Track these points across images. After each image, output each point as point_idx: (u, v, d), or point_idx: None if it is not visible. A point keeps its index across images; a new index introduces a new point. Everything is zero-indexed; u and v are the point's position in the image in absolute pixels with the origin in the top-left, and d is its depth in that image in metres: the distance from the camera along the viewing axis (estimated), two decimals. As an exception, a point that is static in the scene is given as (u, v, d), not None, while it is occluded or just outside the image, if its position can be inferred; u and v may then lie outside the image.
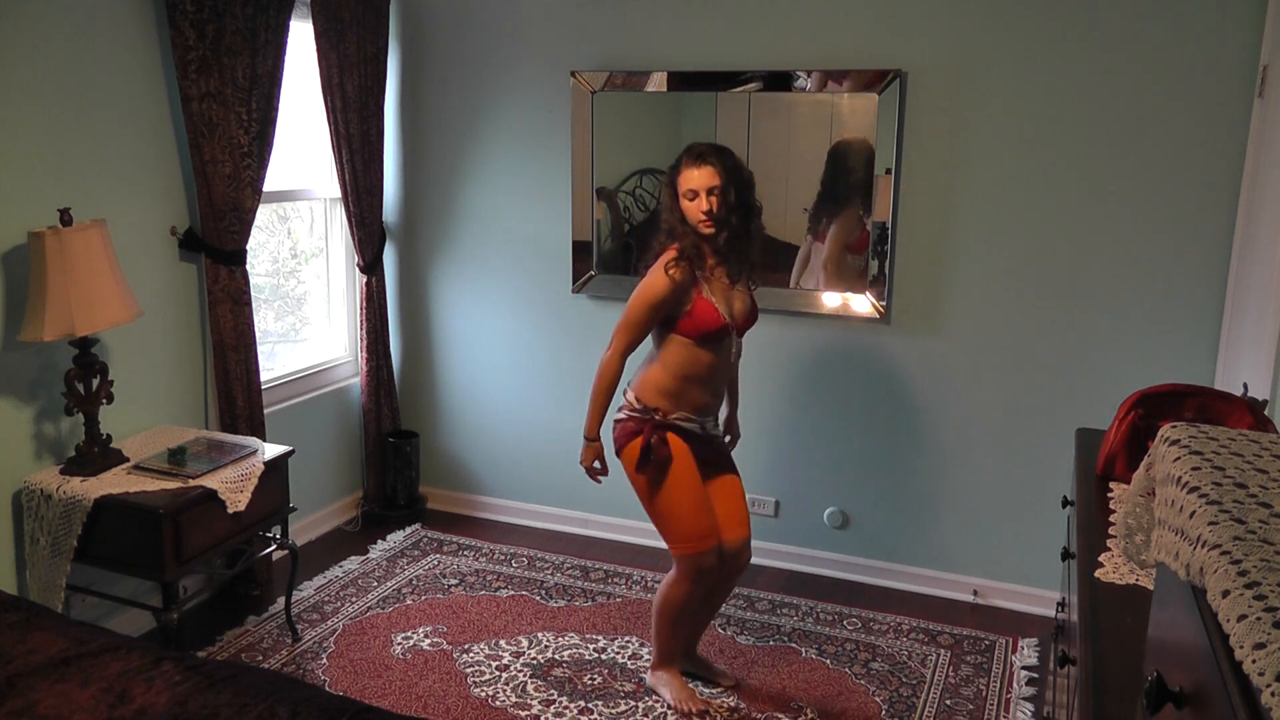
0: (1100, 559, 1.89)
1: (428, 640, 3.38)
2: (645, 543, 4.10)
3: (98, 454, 2.97)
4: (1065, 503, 2.59)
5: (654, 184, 3.91)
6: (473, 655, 3.29)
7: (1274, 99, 2.87)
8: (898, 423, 3.79)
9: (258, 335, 3.60)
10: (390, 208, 4.36)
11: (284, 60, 3.49)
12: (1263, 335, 2.58)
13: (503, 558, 4.05)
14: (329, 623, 3.48)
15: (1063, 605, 2.56)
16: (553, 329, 4.21)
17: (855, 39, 3.59)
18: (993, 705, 3.11)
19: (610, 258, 4.06)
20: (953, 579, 3.81)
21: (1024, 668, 3.31)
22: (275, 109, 3.46)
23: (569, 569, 3.97)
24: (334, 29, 3.79)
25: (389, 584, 3.79)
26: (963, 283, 3.62)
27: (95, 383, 2.94)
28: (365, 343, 4.24)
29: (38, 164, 2.91)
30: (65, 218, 2.79)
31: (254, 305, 3.57)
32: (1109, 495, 2.19)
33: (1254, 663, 0.76)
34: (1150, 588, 1.70)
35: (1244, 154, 3.17)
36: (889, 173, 3.59)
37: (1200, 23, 3.19)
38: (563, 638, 3.42)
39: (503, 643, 3.38)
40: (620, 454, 2.88)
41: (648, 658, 3.25)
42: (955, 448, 3.73)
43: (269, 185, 3.58)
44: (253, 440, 3.24)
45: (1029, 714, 3.05)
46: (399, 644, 3.34)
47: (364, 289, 4.22)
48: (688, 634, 3.09)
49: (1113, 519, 2.01)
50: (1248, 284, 2.97)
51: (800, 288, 3.78)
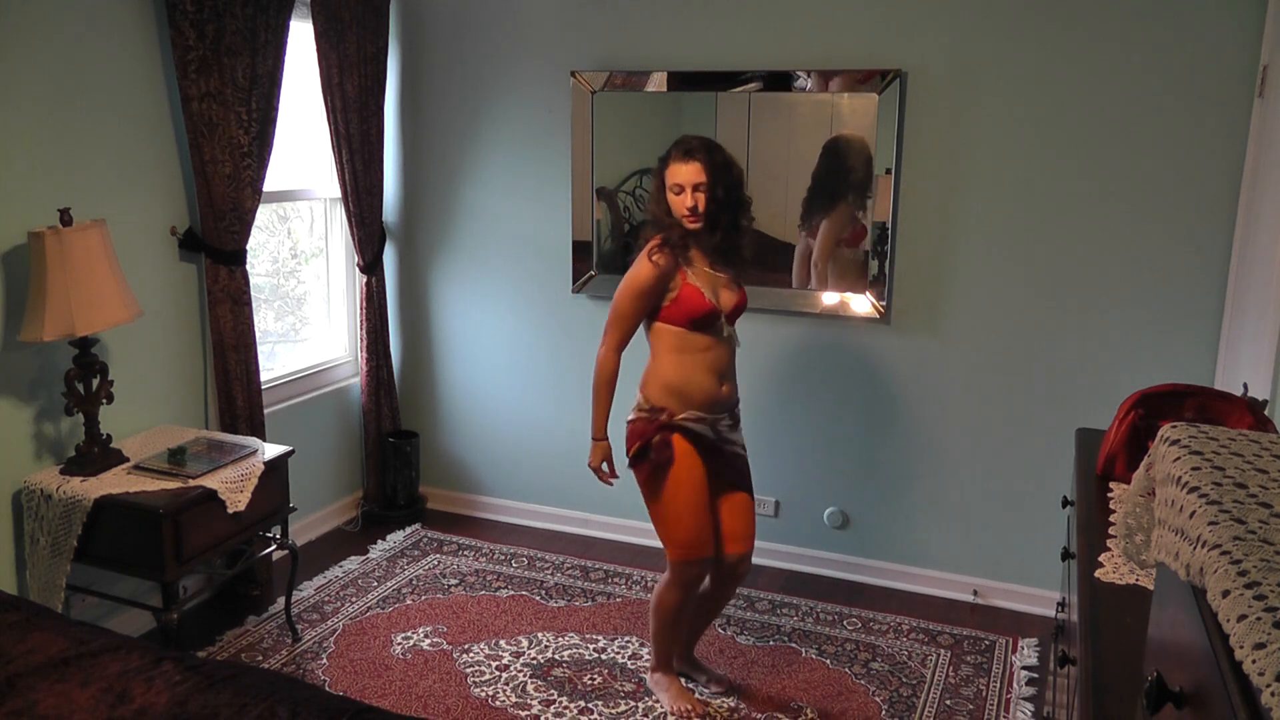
0: (1100, 559, 1.89)
1: (428, 640, 3.38)
2: (645, 543, 4.10)
3: (98, 454, 2.97)
4: (1065, 503, 2.59)
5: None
6: (473, 655, 3.29)
7: (1274, 99, 2.87)
8: (898, 423, 3.79)
9: (258, 335, 3.60)
10: (390, 208, 4.36)
11: (284, 60, 3.49)
12: (1263, 335, 2.58)
13: (503, 558, 4.05)
14: (329, 623, 3.48)
15: (1063, 605, 2.56)
16: (553, 329, 4.21)
17: (855, 39, 3.59)
18: (993, 705, 3.11)
19: (610, 258, 4.06)
20: (953, 579, 3.81)
21: (1024, 668, 3.31)
22: (275, 109, 3.46)
23: (569, 569, 3.97)
24: (334, 29, 3.79)
25: (389, 584, 3.79)
26: (963, 283, 3.62)
27: (95, 383, 2.94)
28: (365, 343, 4.25)
29: (38, 164, 2.91)
30: (65, 218, 2.79)
31: (254, 305, 3.57)
32: (1109, 495, 2.19)
33: (1254, 663, 0.76)
34: (1150, 588, 1.70)
35: (1244, 154, 3.17)
36: (889, 172, 3.59)
37: (1200, 23, 3.19)
38: (563, 638, 3.42)
39: (503, 643, 3.38)
40: (628, 453, 2.88)
41: (648, 658, 3.26)
42: (955, 447, 3.73)
43: (269, 185, 3.58)
44: (253, 440, 3.24)
45: (1029, 714, 3.05)
46: (399, 644, 3.34)
47: (364, 289, 4.22)
48: (685, 637, 3.09)
49: (1113, 519, 2.01)
50: (1248, 284, 2.97)
51: (801, 288, 3.78)
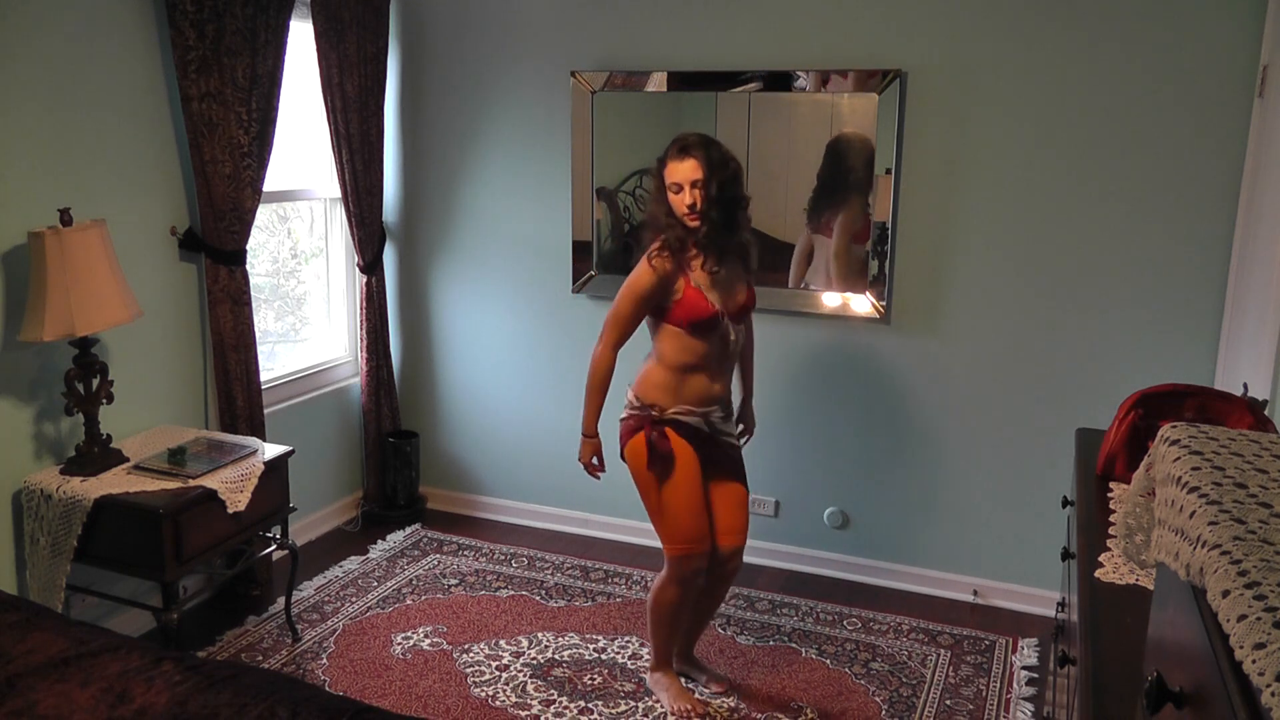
0: (1100, 559, 1.89)
1: (428, 640, 3.38)
2: (645, 543, 4.10)
3: (98, 454, 2.97)
4: (1065, 503, 2.59)
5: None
6: (473, 655, 3.29)
7: (1274, 99, 2.87)
8: (898, 422, 3.79)
9: (258, 335, 3.60)
10: (390, 208, 4.36)
11: (284, 60, 3.49)
12: (1263, 335, 2.58)
13: (503, 558, 4.05)
14: (329, 623, 3.48)
15: (1063, 605, 2.56)
16: (553, 329, 4.21)
17: (855, 39, 3.59)
18: (993, 705, 3.11)
19: (610, 258, 4.06)
20: (953, 579, 3.81)
21: (1024, 668, 3.31)
22: (275, 109, 3.46)
23: (569, 569, 3.97)
24: (334, 29, 3.79)
25: (389, 584, 3.79)
26: (963, 283, 3.62)
27: (95, 383, 2.94)
28: (365, 343, 4.25)
29: (38, 164, 2.91)
30: (65, 218, 2.79)
31: (254, 305, 3.57)
32: (1109, 495, 2.19)
33: (1254, 663, 0.76)
34: (1150, 588, 1.70)
35: (1244, 154, 3.17)
36: (889, 172, 3.60)
37: (1200, 23, 3.19)
38: (563, 638, 3.42)
39: (503, 643, 3.38)
40: (623, 452, 2.88)
41: (648, 658, 3.25)
42: (955, 448, 3.73)
43: (269, 185, 3.58)
44: (253, 440, 3.24)
45: (1029, 714, 3.05)
46: (399, 644, 3.34)
47: (364, 289, 4.22)
48: (684, 637, 3.09)
49: (1113, 519, 2.01)
50: (1248, 284, 2.97)
51: (801, 288, 3.78)
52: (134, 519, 2.79)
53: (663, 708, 3.01)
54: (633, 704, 3.04)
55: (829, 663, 3.32)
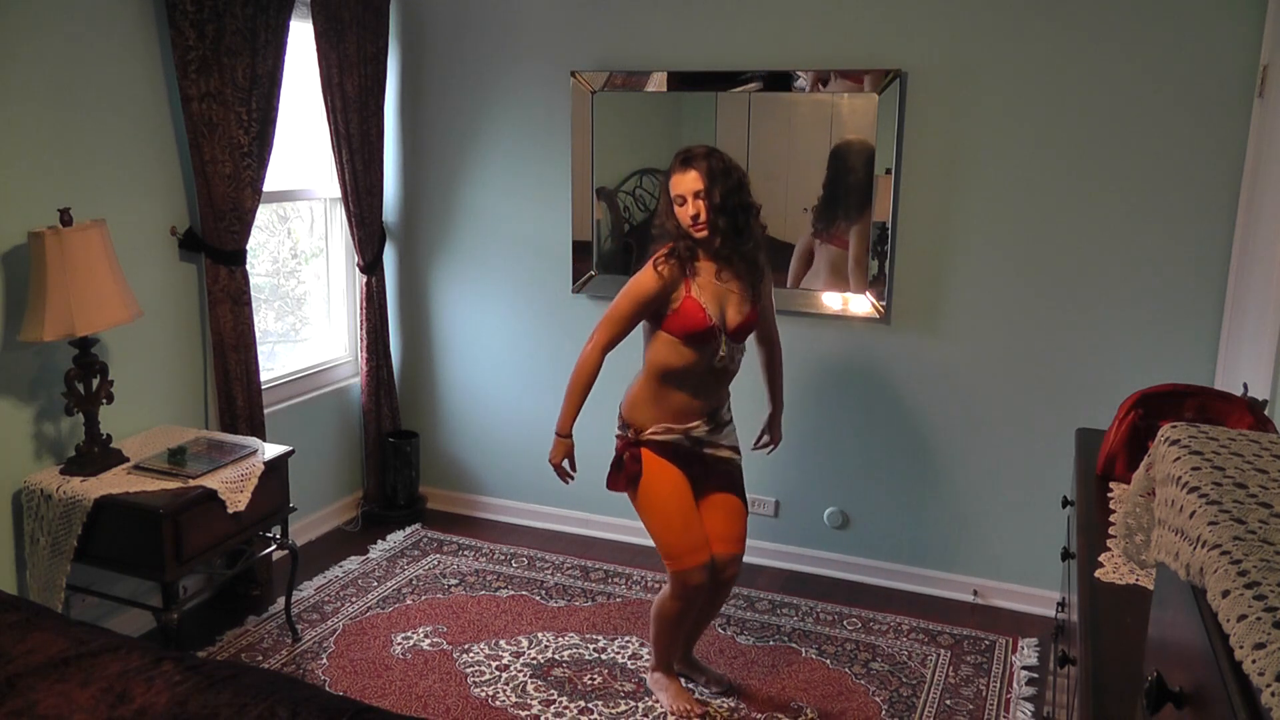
0: (1100, 559, 1.89)
1: (428, 640, 3.38)
2: (645, 543, 4.09)
3: (98, 454, 2.97)
4: (1065, 503, 2.59)
5: (654, 184, 3.92)
6: (473, 655, 3.29)
7: (1274, 99, 2.87)
8: (898, 423, 3.79)
9: (258, 335, 3.60)
10: (390, 208, 4.36)
11: (284, 60, 3.49)
12: (1263, 335, 2.58)
13: (503, 558, 4.05)
14: (329, 623, 3.48)
15: (1063, 605, 2.56)
16: (553, 329, 4.21)
17: (855, 39, 3.59)
18: (993, 705, 3.11)
19: (610, 258, 4.06)
20: (953, 579, 3.81)
21: (1024, 668, 3.31)
22: (275, 109, 3.46)
23: (569, 569, 3.97)
24: (334, 29, 3.79)
25: (389, 584, 3.79)
26: (963, 283, 3.62)
27: (95, 383, 2.94)
28: (365, 343, 4.25)
29: (38, 164, 2.91)
30: (65, 218, 2.79)
31: (254, 305, 3.57)
32: (1109, 495, 2.19)
33: (1254, 663, 0.76)
34: (1150, 588, 1.70)
35: (1244, 154, 3.17)
36: (889, 173, 3.60)
37: (1200, 23, 3.19)
38: (563, 638, 3.42)
39: (503, 643, 3.38)
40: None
41: (648, 658, 3.26)
42: (955, 448, 3.73)
43: (269, 185, 3.58)
44: (253, 440, 3.24)
45: (1029, 714, 3.05)
46: (399, 644, 3.34)
47: (364, 289, 4.22)
48: (684, 639, 3.09)
49: (1113, 519, 2.01)
50: (1248, 284, 2.97)
51: (801, 288, 3.78)
52: (134, 519, 2.79)
53: (662, 708, 3.01)
54: (633, 704, 3.04)
55: (829, 663, 3.32)
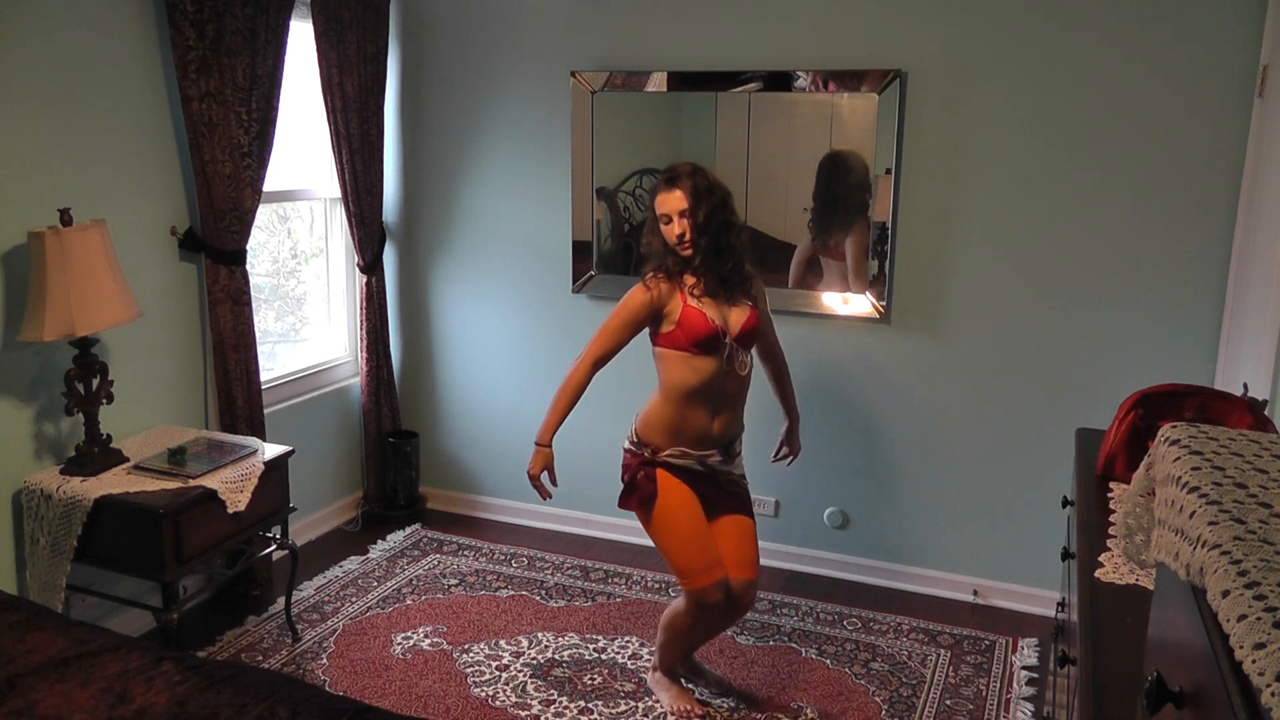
0: (1100, 559, 1.89)
1: (428, 640, 3.38)
2: (645, 543, 4.09)
3: (98, 454, 2.97)
4: (1065, 503, 2.59)
5: (654, 184, 3.92)
6: (473, 655, 3.29)
7: (1274, 99, 2.87)
8: (897, 422, 3.79)
9: (258, 335, 3.60)
10: (390, 208, 4.36)
11: (284, 60, 3.49)
12: (1263, 335, 2.58)
13: (503, 558, 4.05)
14: (329, 623, 3.48)
15: (1063, 605, 2.56)
16: (553, 329, 4.21)
17: (855, 39, 3.59)
18: (993, 705, 3.11)
19: (610, 258, 4.06)
20: (953, 579, 3.81)
21: (1024, 668, 3.31)
22: (275, 109, 3.46)
23: (569, 569, 3.97)
24: (334, 29, 3.79)
25: (389, 584, 3.79)
26: (963, 283, 3.62)
27: (95, 383, 2.94)
28: (365, 343, 4.25)
29: (38, 164, 2.91)
30: (65, 218, 2.79)
31: (254, 305, 3.57)
32: (1109, 495, 2.19)
33: (1254, 663, 0.76)
34: (1150, 588, 1.70)
35: (1244, 154, 3.17)
36: (889, 173, 3.60)
37: (1200, 23, 3.19)
38: (563, 638, 3.42)
39: (503, 643, 3.38)
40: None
41: (648, 658, 3.26)
42: (955, 447, 3.73)
43: (269, 185, 3.58)
44: (253, 440, 3.24)
45: (1029, 714, 3.05)
46: (399, 644, 3.34)
47: (364, 289, 4.22)
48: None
49: (1113, 519, 2.01)
50: (1248, 284, 2.97)
51: (801, 288, 3.78)
52: (134, 519, 2.79)
53: (663, 708, 3.01)
54: (633, 704, 3.04)
55: (829, 663, 3.32)
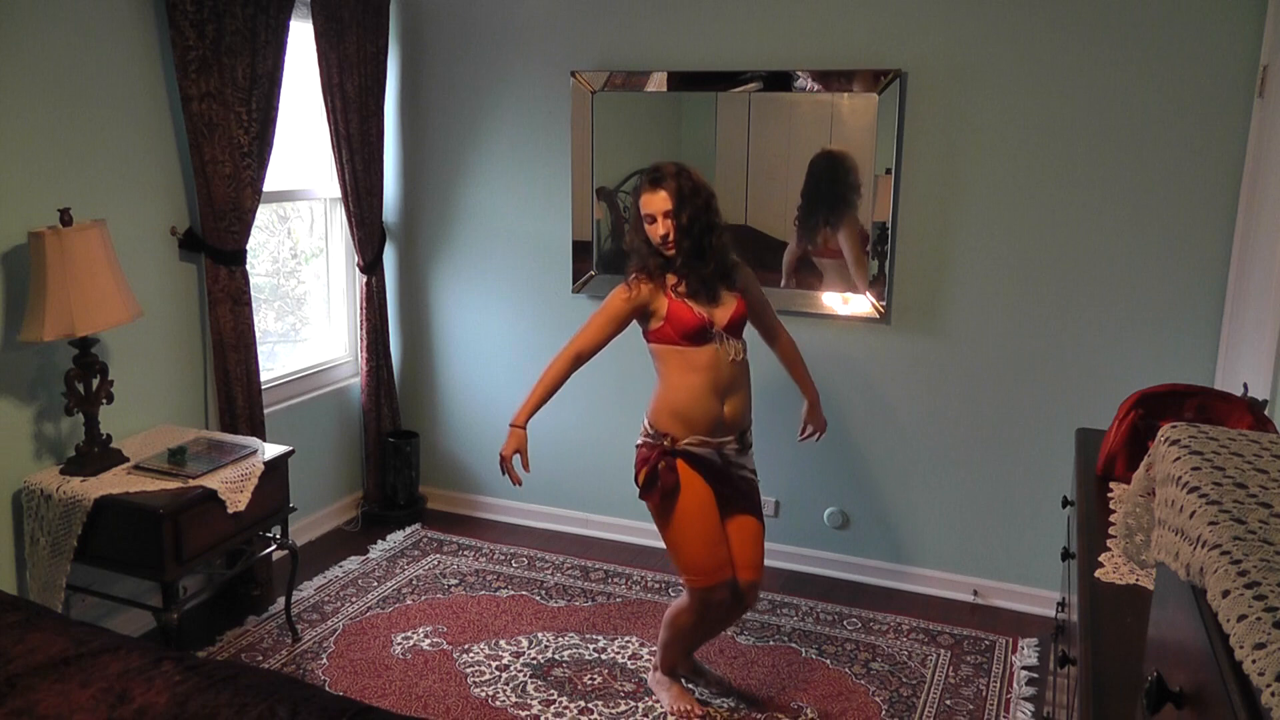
0: (1100, 559, 1.89)
1: (428, 640, 3.38)
2: (645, 543, 4.10)
3: (98, 454, 2.97)
4: (1065, 503, 2.59)
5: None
6: (473, 655, 3.29)
7: (1274, 99, 2.87)
8: (898, 423, 3.79)
9: (258, 335, 3.60)
10: (390, 208, 4.36)
11: (284, 60, 3.49)
12: (1263, 335, 2.58)
13: (503, 558, 4.05)
14: (329, 623, 3.48)
15: (1063, 605, 2.56)
16: (553, 329, 4.20)
17: (855, 39, 3.59)
18: (993, 705, 3.11)
19: (610, 258, 4.06)
20: (953, 579, 3.81)
21: (1024, 668, 3.31)
22: (275, 109, 3.46)
23: (569, 569, 3.97)
24: (334, 29, 3.79)
25: (389, 584, 3.79)
26: (963, 283, 3.62)
27: (95, 383, 2.94)
28: (365, 343, 4.25)
29: (38, 164, 2.91)
30: (65, 218, 2.79)
31: (254, 305, 3.57)
32: (1109, 495, 2.19)
33: (1254, 663, 0.76)
34: (1150, 588, 1.70)
35: (1244, 154, 3.17)
36: (889, 173, 3.60)
37: (1200, 23, 3.19)
38: (563, 638, 3.42)
39: (503, 643, 3.38)
40: (637, 478, 2.85)
41: (648, 658, 3.26)
42: (955, 447, 3.73)
43: (269, 185, 3.58)
44: (253, 440, 3.24)
45: (1029, 714, 3.05)
46: (399, 644, 3.34)
47: (364, 289, 4.22)
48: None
49: (1113, 519, 2.01)
50: (1248, 284, 2.97)
51: (799, 288, 3.78)
52: (134, 519, 2.79)
53: (663, 708, 3.01)
54: (633, 704, 3.04)
55: (829, 663, 3.32)
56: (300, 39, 3.80)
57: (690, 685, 3.11)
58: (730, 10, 3.73)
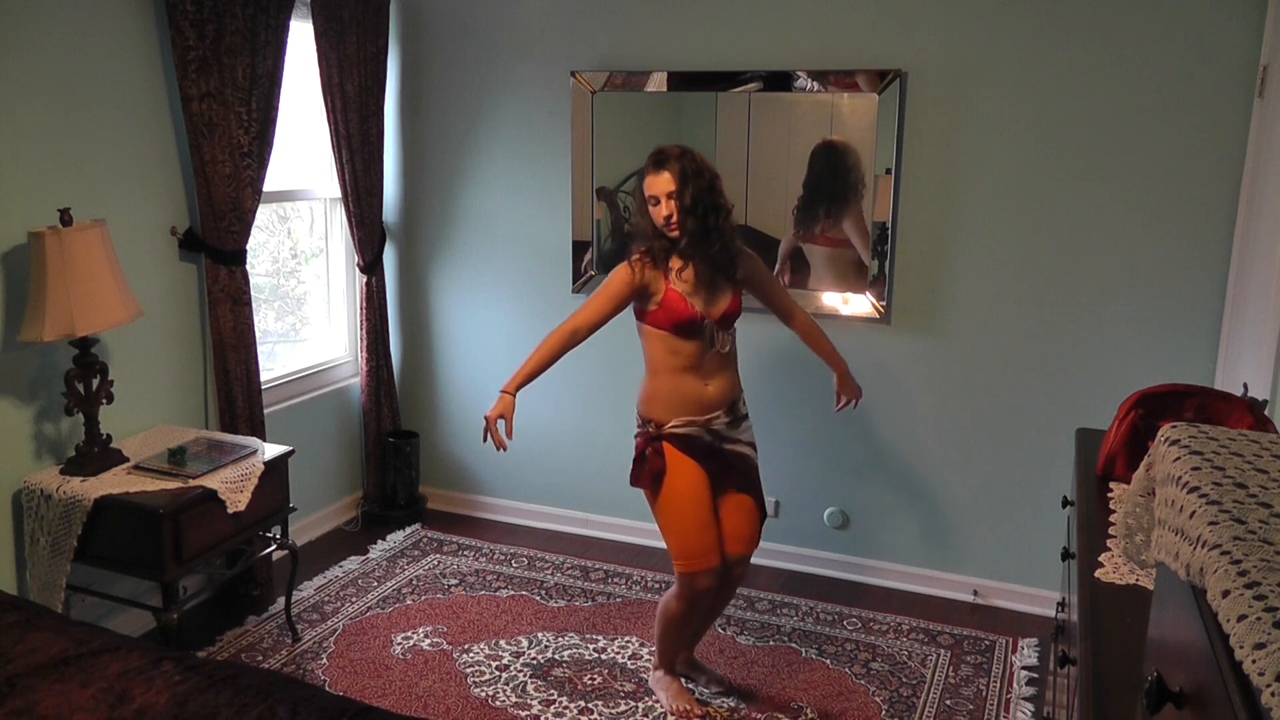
0: (1100, 559, 1.89)
1: (428, 640, 3.38)
2: (645, 543, 4.10)
3: (98, 454, 2.97)
4: (1065, 503, 2.59)
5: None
6: (473, 655, 3.29)
7: (1274, 99, 2.87)
8: (897, 423, 3.79)
9: (258, 335, 3.60)
10: (390, 208, 4.36)
11: (284, 60, 3.49)
12: (1263, 335, 2.58)
13: (503, 558, 4.05)
14: (329, 623, 3.48)
15: (1063, 605, 2.56)
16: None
17: (855, 39, 3.59)
18: (993, 705, 3.11)
19: (610, 257, 4.05)
20: (953, 579, 3.81)
21: (1024, 668, 3.31)
22: (275, 109, 3.46)
23: (569, 569, 3.97)
24: (334, 29, 3.79)
25: (389, 584, 3.79)
26: (963, 283, 3.62)
27: (95, 383, 2.94)
28: (365, 343, 4.25)
29: (38, 164, 2.91)
30: (65, 218, 2.79)
31: (254, 305, 3.57)
32: (1109, 495, 2.19)
33: (1254, 663, 0.76)
34: (1150, 588, 1.70)
35: (1244, 154, 3.17)
36: (889, 173, 3.60)
37: (1200, 23, 3.19)
38: (563, 638, 3.42)
39: (503, 643, 3.38)
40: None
41: (648, 658, 3.26)
42: (955, 447, 3.73)
43: (269, 185, 3.58)
44: (253, 440, 3.24)
45: (1029, 714, 3.05)
46: (399, 644, 3.34)
47: (364, 289, 4.22)
48: (688, 639, 3.09)
49: (1113, 519, 2.01)
50: (1248, 284, 2.97)
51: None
52: (134, 519, 2.79)
53: (663, 707, 3.01)
54: (633, 704, 3.04)
55: (829, 663, 3.32)
56: (300, 39, 3.80)
57: (690, 684, 3.11)
58: (730, 10, 3.73)
